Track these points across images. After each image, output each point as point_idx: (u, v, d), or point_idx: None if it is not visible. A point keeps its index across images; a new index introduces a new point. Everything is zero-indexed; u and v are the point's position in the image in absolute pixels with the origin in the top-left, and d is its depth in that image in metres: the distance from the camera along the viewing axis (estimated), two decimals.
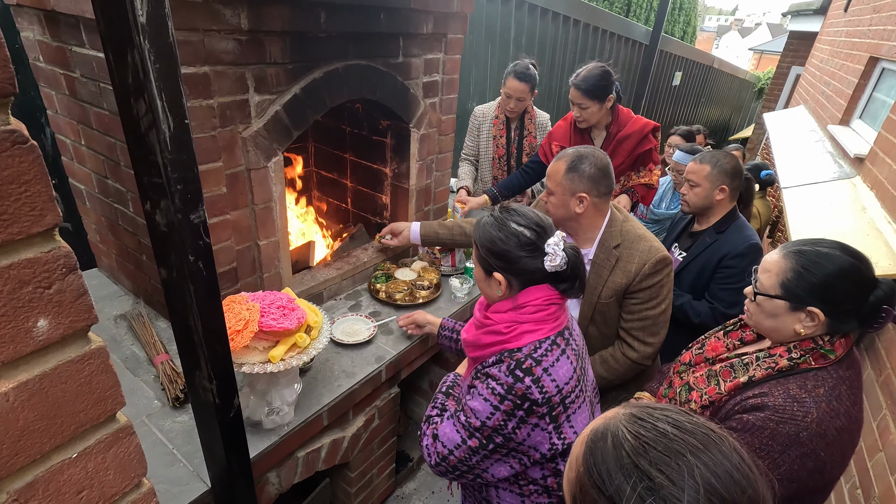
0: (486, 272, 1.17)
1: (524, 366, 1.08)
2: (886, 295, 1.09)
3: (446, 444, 1.17)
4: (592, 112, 2.31)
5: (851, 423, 1.09)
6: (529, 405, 1.08)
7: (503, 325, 1.13)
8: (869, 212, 2.40)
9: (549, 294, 1.14)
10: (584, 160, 1.53)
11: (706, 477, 0.52)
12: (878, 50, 3.37)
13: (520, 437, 1.11)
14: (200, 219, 0.82)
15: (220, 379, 0.96)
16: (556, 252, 1.10)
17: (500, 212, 1.18)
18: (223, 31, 1.31)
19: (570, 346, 1.16)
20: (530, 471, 1.18)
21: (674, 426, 0.56)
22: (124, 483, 0.45)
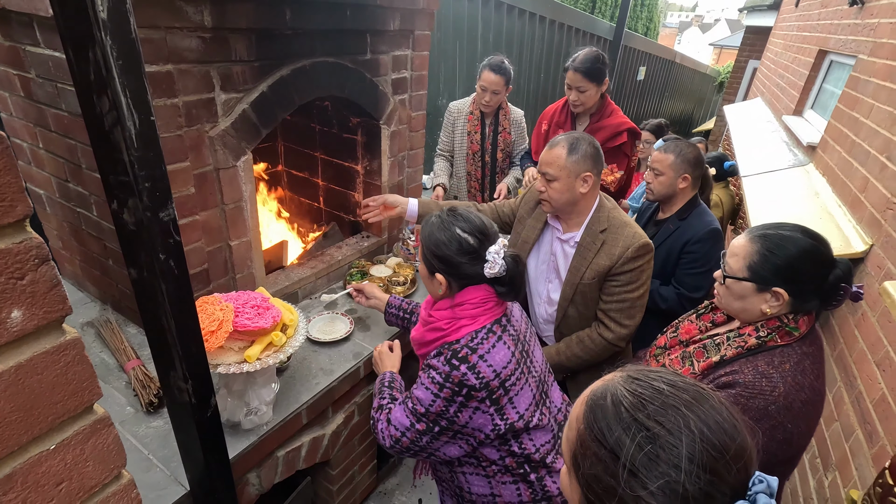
0: (430, 272, 1.25)
1: (460, 355, 1.17)
2: (844, 274, 1.16)
3: (398, 427, 1.26)
4: (590, 95, 2.37)
5: (815, 395, 1.16)
6: (467, 391, 1.16)
7: (443, 322, 1.23)
8: (821, 197, 2.53)
9: (486, 294, 1.23)
10: (581, 141, 1.60)
11: (700, 427, 0.56)
12: (826, 43, 3.54)
13: (462, 420, 1.19)
14: (170, 216, 0.81)
15: (195, 378, 0.95)
16: (495, 260, 1.18)
17: (447, 214, 1.24)
18: (186, 29, 1.29)
19: (508, 332, 1.24)
20: (487, 452, 1.26)
21: (668, 384, 0.60)
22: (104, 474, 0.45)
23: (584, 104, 2.40)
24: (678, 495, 0.53)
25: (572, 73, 2.33)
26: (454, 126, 2.93)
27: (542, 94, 5.75)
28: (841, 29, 3.25)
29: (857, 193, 2.16)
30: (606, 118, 2.43)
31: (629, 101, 8.40)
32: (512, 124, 2.90)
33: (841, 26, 3.26)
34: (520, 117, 2.93)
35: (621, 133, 2.41)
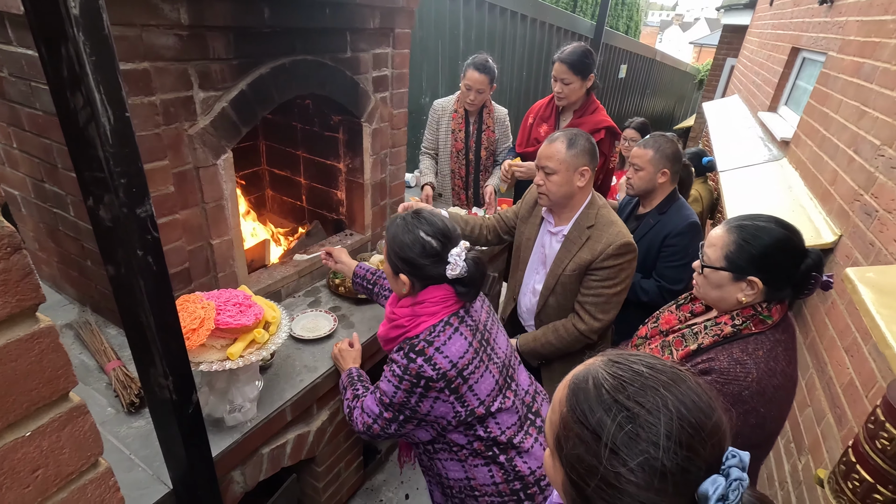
0: (394, 272, 1.31)
1: (417, 348, 1.23)
2: (815, 263, 1.20)
3: (369, 414, 1.34)
4: (574, 88, 2.40)
5: (787, 381, 1.20)
6: (425, 382, 1.22)
7: (405, 319, 1.28)
8: (794, 190, 2.60)
9: (446, 293, 1.28)
10: (578, 137, 1.67)
11: (677, 406, 0.58)
12: (798, 41, 3.63)
13: (423, 409, 1.26)
14: (147, 213, 0.81)
15: (176, 375, 0.95)
16: (457, 262, 1.23)
17: (412, 217, 1.30)
18: (162, 27, 1.29)
19: (465, 323, 1.30)
20: (454, 438, 1.32)
21: (647, 367, 0.63)
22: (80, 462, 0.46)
23: (568, 97, 2.43)
24: (657, 471, 0.56)
25: (559, 64, 2.37)
26: (438, 124, 2.94)
27: (524, 92, 5.79)
28: (812, 27, 3.33)
29: (827, 186, 2.23)
30: (588, 115, 2.47)
31: (611, 98, 8.50)
32: (496, 122, 2.92)
33: (812, 24, 3.35)
34: (503, 116, 2.95)
35: (599, 130, 2.45)
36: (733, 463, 0.56)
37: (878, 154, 1.81)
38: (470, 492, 1.40)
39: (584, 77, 2.38)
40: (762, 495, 0.59)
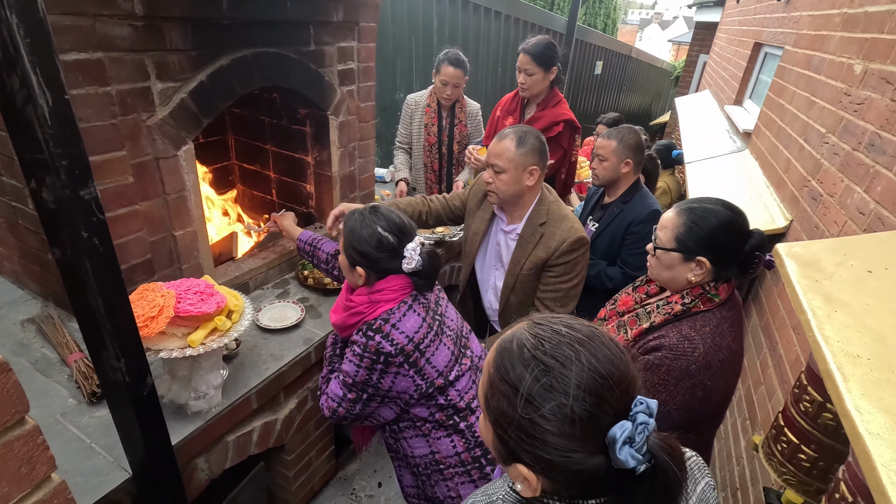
0: (351, 265, 1.34)
1: (374, 326, 1.28)
2: (759, 243, 1.26)
3: (333, 398, 1.37)
4: (537, 80, 2.45)
5: (732, 355, 1.26)
6: (385, 358, 1.27)
7: (363, 307, 1.32)
8: (753, 179, 2.69)
9: (404, 282, 1.33)
10: (528, 135, 1.65)
11: (589, 359, 0.63)
12: (760, 36, 3.74)
13: (385, 385, 1.31)
14: (92, 195, 0.83)
15: (127, 356, 0.97)
16: (412, 257, 1.29)
17: (369, 212, 1.34)
18: (116, 17, 1.30)
19: (418, 302, 1.36)
20: (417, 412, 1.36)
21: (565, 326, 0.67)
22: (4, 418, 0.48)
23: (531, 88, 2.48)
24: (567, 417, 0.60)
25: (522, 55, 2.43)
26: (412, 118, 2.97)
27: (499, 88, 5.84)
28: (772, 22, 3.44)
29: (782, 174, 2.31)
30: (550, 108, 2.53)
31: (587, 94, 8.61)
32: (468, 117, 2.96)
33: (772, 19, 3.45)
34: (476, 110, 3.00)
35: (558, 123, 2.50)
36: (640, 409, 0.61)
37: (824, 141, 1.89)
38: (435, 466, 1.44)
39: (547, 69, 2.43)
40: (667, 437, 0.63)
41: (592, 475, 0.61)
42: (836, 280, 0.91)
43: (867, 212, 1.44)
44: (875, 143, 1.49)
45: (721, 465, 2.18)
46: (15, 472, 0.48)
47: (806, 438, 0.98)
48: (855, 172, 1.58)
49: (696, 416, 1.29)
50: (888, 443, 0.58)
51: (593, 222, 2.37)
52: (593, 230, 2.34)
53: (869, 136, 1.54)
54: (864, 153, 1.54)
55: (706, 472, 0.82)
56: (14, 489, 0.48)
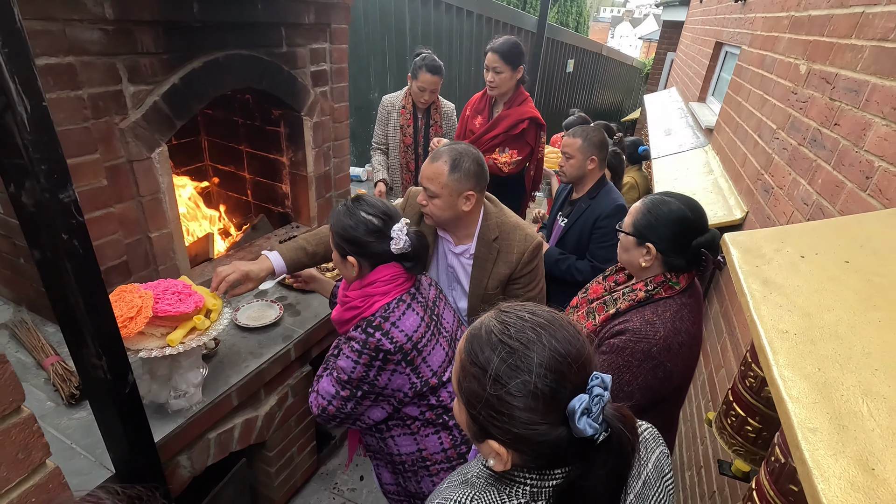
0: (341, 256, 1.34)
1: (374, 323, 1.27)
2: (707, 241, 1.34)
3: (324, 395, 1.35)
4: (505, 78, 2.53)
5: (691, 339, 1.35)
6: (384, 355, 1.27)
7: (358, 301, 1.32)
8: (714, 173, 2.82)
9: (395, 271, 1.33)
10: (463, 158, 1.52)
11: (549, 340, 0.69)
12: (721, 35, 3.90)
13: (381, 382, 1.31)
14: (70, 198, 0.86)
15: (109, 354, 0.99)
16: (399, 237, 1.29)
17: (352, 202, 1.34)
18: (86, 21, 1.31)
19: (417, 300, 1.36)
20: (408, 410, 1.38)
21: (529, 312, 0.74)
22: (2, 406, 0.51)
23: (500, 87, 2.56)
24: (531, 392, 0.67)
25: (490, 53, 2.51)
26: (388, 119, 2.99)
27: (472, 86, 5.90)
28: (731, 22, 3.59)
29: (739, 168, 2.44)
30: (515, 107, 2.62)
31: (560, 92, 8.75)
32: (443, 117, 3.02)
33: (731, 20, 3.61)
34: (451, 110, 3.07)
35: (524, 121, 2.59)
36: (596, 383, 0.68)
37: (775, 137, 2.01)
38: (422, 463, 1.45)
39: (515, 67, 2.52)
40: (620, 407, 0.70)
41: (556, 446, 0.67)
42: (774, 265, 1.00)
43: (810, 202, 1.55)
44: (817, 138, 1.61)
45: (687, 446, 2.30)
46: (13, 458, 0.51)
47: (751, 411, 1.07)
48: (800, 166, 1.69)
49: (658, 395, 1.37)
50: (804, 405, 0.67)
51: (563, 218, 2.45)
52: (563, 225, 2.43)
53: (812, 132, 1.66)
54: (808, 148, 1.66)
55: (660, 441, 0.90)
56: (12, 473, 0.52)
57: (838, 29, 1.62)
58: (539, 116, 2.63)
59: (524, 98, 2.62)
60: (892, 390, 0.65)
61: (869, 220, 1.08)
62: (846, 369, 0.71)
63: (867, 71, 1.37)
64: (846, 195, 1.34)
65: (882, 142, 1.22)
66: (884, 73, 1.29)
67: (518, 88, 2.62)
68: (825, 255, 0.98)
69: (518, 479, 0.73)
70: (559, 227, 2.47)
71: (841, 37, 1.59)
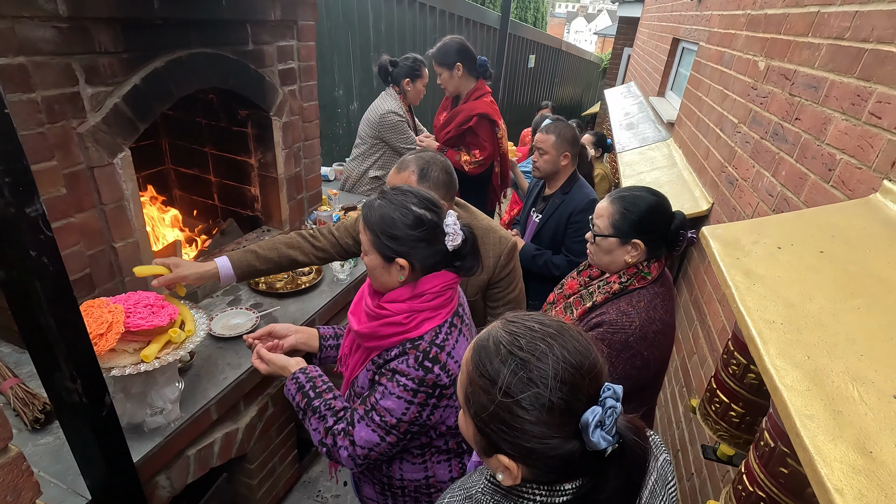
0: (386, 259, 1.12)
1: (431, 355, 1.09)
2: (681, 222, 1.41)
3: (365, 446, 1.15)
4: (445, 79, 2.65)
5: (665, 327, 1.40)
6: (440, 391, 1.11)
7: (402, 316, 1.11)
8: (678, 166, 2.91)
9: (446, 279, 1.15)
10: (431, 167, 1.49)
11: (561, 352, 0.68)
12: (677, 32, 4.03)
13: (434, 420, 1.16)
14: (38, 212, 0.79)
15: (84, 376, 0.93)
16: (455, 231, 1.11)
17: (393, 192, 1.14)
18: (38, 18, 1.21)
19: (465, 323, 1.22)
20: (435, 441, 1.25)
21: (537, 322, 0.72)
22: None
23: (447, 87, 2.69)
24: (545, 406, 0.65)
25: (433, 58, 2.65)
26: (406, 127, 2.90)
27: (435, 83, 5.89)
28: (687, 19, 3.72)
29: (702, 161, 2.53)
30: (470, 102, 2.69)
31: (523, 87, 8.85)
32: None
33: (687, 17, 3.73)
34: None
35: (472, 117, 2.65)
36: (608, 395, 0.67)
37: (736, 131, 2.10)
38: (425, 489, 1.33)
39: (451, 68, 2.61)
40: (633, 419, 0.70)
41: (569, 459, 0.66)
42: (753, 257, 1.04)
43: (775, 194, 1.63)
44: (778, 132, 1.69)
45: (663, 431, 2.38)
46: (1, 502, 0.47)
47: (735, 397, 1.12)
48: (764, 159, 1.77)
49: (637, 384, 1.41)
50: (799, 392, 0.70)
51: (537, 214, 2.48)
52: (537, 221, 2.46)
53: (773, 126, 1.74)
54: (771, 141, 1.74)
55: (663, 449, 0.90)
56: None
57: (795, 27, 1.70)
58: (490, 112, 2.68)
59: (478, 94, 2.69)
60: (878, 375, 0.69)
61: (837, 211, 1.14)
62: (833, 356, 0.74)
63: (825, 68, 1.45)
64: (810, 186, 1.41)
65: (843, 135, 1.29)
66: (841, 70, 1.36)
67: (476, 83, 2.67)
68: (801, 246, 1.03)
69: (527, 494, 0.71)
70: (533, 223, 2.50)
71: (798, 34, 1.67)
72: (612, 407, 0.65)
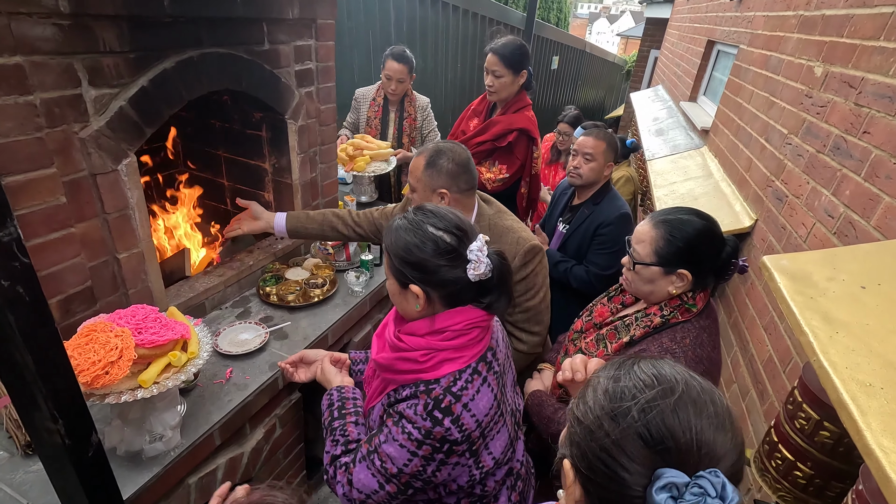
0: (402, 284, 1.04)
1: (443, 405, 0.99)
2: (733, 250, 1.26)
3: (363, 490, 1.07)
4: (505, 83, 2.35)
5: (712, 365, 1.25)
6: (449, 447, 1.01)
7: (419, 354, 1.02)
8: (714, 177, 2.74)
9: (471, 316, 1.03)
10: (442, 156, 1.51)
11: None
12: (713, 34, 3.84)
13: (441, 478, 1.06)
14: (12, 236, 0.69)
15: (67, 416, 0.83)
16: (479, 259, 0.99)
17: (415, 213, 1.06)
18: (37, 15, 1.12)
19: (492, 371, 1.08)
20: (445, 499, 1.15)
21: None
22: None
23: (499, 92, 2.40)
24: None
25: (491, 55, 2.35)
26: (359, 111, 3.11)
27: (458, 83, 5.77)
28: (725, 21, 3.53)
29: (743, 173, 2.36)
30: (509, 114, 2.43)
31: (545, 89, 8.67)
32: (417, 110, 3.07)
33: (725, 18, 3.54)
34: (425, 104, 3.11)
35: (512, 132, 2.38)
36: (710, 478, 0.56)
37: (786, 142, 1.93)
38: None
39: (517, 72, 2.34)
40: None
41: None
42: (831, 297, 0.90)
43: (836, 215, 1.46)
44: (840, 146, 1.52)
45: None
46: None
47: (802, 456, 0.97)
48: (821, 175, 1.61)
49: None
50: None
51: (564, 224, 2.34)
52: (564, 232, 2.31)
53: (834, 139, 1.57)
54: (830, 156, 1.57)
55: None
56: None
57: (862, 30, 1.53)
58: (532, 129, 2.42)
59: (523, 105, 2.44)
60: None
61: None
62: None
63: None
64: (884, 210, 1.24)
65: None
66: None
67: (520, 94, 2.45)
68: (891, 286, 0.88)
69: None
70: (559, 233, 2.35)
71: (866, 38, 1.50)
72: (702, 493, 0.54)
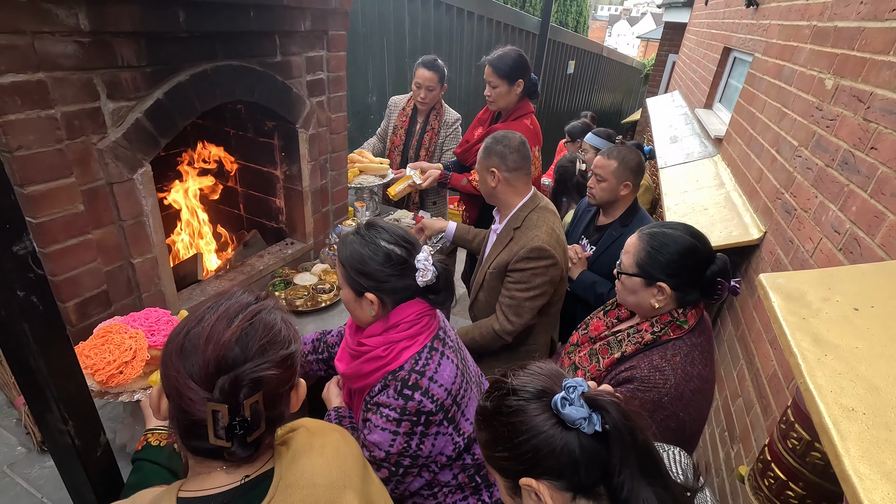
0: (357, 293, 1.15)
1: (410, 383, 1.09)
2: (720, 269, 1.25)
3: None
4: (501, 93, 2.40)
5: (704, 383, 1.25)
6: (426, 418, 1.10)
7: (381, 349, 1.13)
8: (725, 186, 2.71)
9: (420, 308, 1.16)
10: (496, 141, 1.76)
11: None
12: (729, 41, 3.80)
13: (426, 450, 1.13)
14: (27, 249, 0.74)
15: (76, 418, 0.88)
16: (426, 267, 1.12)
17: (366, 229, 1.17)
18: (59, 33, 1.18)
19: (447, 345, 1.19)
20: (441, 476, 1.21)
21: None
22: None
23: (496, 101, 2.45)
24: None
25: (487, 66, 2.40)
26: (390, 118, 3.07)
27: (473, 90, 5.79)
28: (741, 28, 3.49)
29: (754, 184, 2.34)
30: (509, 122, 2.47)
31: (560, 94, 8.64)
32: (443, 125, 2.94)
33: (741, 25, 3.50)
34: (453, 119, 2.96)
35: None
36: (568, 382, 0.75)
37: (796, 155, 1.91)
38: None
39: (511, 82, 2.37)
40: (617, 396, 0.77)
41: (573, 454, 0.71)
42: (823, 318, 0.89)
43: (843, 231, 1.45)
44: (849, 161, 1.50)
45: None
46: None
47: (794, 475, 0.97)
48: (829, 189, 1.59)
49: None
50: None
51: (590, 245, 2.27)
52: (589, 251, 2.24)
53: (842, 153, 1.55)
54: (838, 171, 1.56)
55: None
56: None
57: (872, 43, 1.52)
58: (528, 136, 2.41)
59: (523, 114, 2.46)
60: None
61: None
62: None
63: None
64: (888, 228, 1.23)
65: None
66: None
67: (521, 102, 2.47)
68: (884, 309, 0.88)
69: None
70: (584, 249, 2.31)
71: (876, 52, 1.48)
72: (571, 386, 0.72)
